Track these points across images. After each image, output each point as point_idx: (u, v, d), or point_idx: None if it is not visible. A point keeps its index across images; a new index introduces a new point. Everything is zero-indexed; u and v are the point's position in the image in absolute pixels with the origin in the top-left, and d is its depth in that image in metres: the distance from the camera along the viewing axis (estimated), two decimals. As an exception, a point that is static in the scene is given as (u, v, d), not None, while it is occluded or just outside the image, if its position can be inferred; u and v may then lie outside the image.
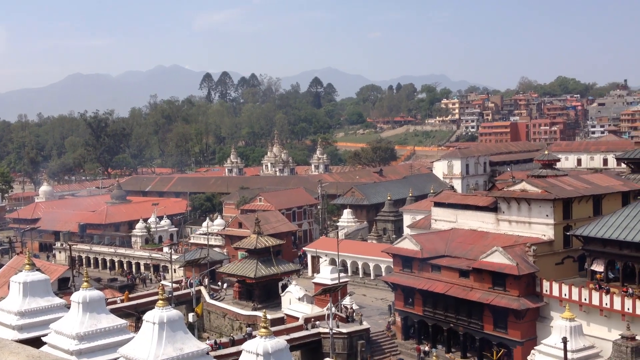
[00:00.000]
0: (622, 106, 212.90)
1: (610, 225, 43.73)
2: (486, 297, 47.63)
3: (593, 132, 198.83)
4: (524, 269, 46.11)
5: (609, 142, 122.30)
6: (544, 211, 49.95)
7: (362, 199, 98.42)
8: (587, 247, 45.36)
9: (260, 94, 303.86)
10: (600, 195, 51.76)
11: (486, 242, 51.34)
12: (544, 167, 62.75)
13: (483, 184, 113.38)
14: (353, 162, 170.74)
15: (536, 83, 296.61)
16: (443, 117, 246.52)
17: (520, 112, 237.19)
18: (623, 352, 37.59)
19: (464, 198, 61.22)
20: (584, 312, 43.57)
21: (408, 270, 54.48)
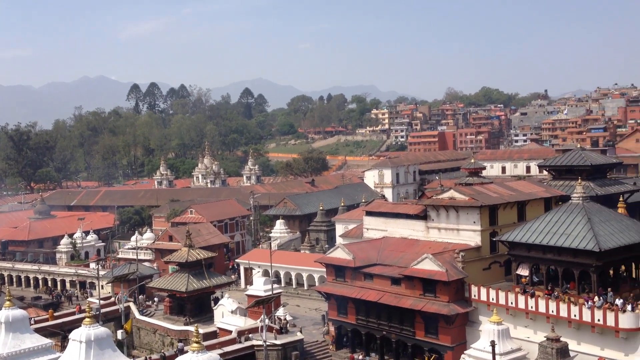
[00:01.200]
0: (543, 115, 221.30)
1: (534, 231, 45.22)
2: (417, 303, 48.35)
3: (516, 140, 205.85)
4: (453, 275, 47.09)
5: (531, 150, 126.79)
6: (472, 218, 51.22)
7: (294, 209, 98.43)
8: (513, 252, 46.75)
9: (190, 105, 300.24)
10: (524, 202, 53.51)
11: (417, 249, 52.17)
12: (471, 175, 64.46)
13: (413, 193, 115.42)
14: (285, 172, 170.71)
15: (462, 93, 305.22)
16: (373, 127, 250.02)
17: (448, 121, 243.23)
18: (548, 354, 38.84)
19: (394, 207, 62.09)
20: (511, 315, 44.82)
21: (341, 279, 54.74)
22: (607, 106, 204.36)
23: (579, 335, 41.10)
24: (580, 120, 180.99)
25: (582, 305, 40.68)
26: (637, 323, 38.28)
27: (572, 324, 41.17)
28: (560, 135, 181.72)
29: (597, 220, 43.36)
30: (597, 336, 40.19)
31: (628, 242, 42.39)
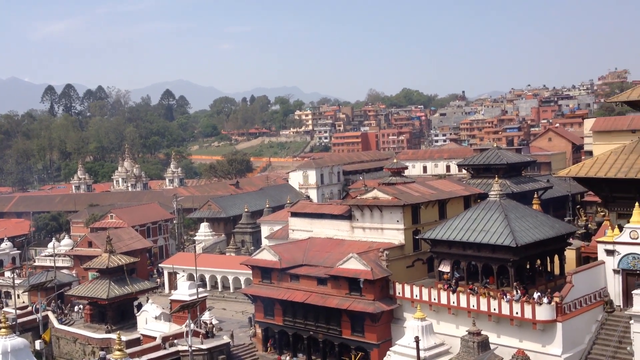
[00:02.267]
0: (461, 116, 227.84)
1: (455, 228, 46.45)
2: (343, 302, 48.78)
3: (436, 140, 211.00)
4: (378, 274, 47.78)
5: (450, 150, 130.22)
6: (395, 217, 52.14)
7: (219, 212, 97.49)
8: (435, 249, 47.87)
9: (109, 107, 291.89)
10: (445, 200, 54.93)
11: (342, 249, 52.64)
12: (394, 174, 65.59)
13: (337, 193, 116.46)
14: (209, 175, 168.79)
15: (383, 95, 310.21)
16: (297, 128, 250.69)
17: (370, 122, 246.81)
18: (470, 347, 40.00)
19: (319, 207, 62.44)
20: (434, 311, 45.87)
21: (267, 281, 54.58)
22: (521, 106, 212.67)
23: (498, 328, 42.49)
24: (496, 120, 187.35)
25: (501, 299, 42.09)
26: (553, 315, 39.93)
27: (492, 318, 42.51)
28: (477, 135, 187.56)
29: (513, 217, 44.96)
30: (516, 328, 41.67)
31: (542, 237, 44.18)
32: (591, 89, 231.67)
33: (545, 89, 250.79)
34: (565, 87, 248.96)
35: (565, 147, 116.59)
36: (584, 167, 50.51)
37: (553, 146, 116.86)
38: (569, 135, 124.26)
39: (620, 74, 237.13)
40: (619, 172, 47.16)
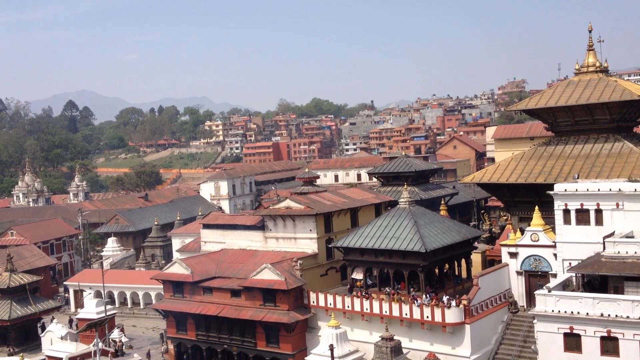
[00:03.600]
0: (371, 125, 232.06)
1: (366, 235, 47.15)
2: (258, 314, 48.43)
3: (347, 149, 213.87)
4: (292, 283, 47.76)
5: (361, 159, 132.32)
6: (308, 226, 52.36)
7: (127, 225, 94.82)
8: (348, 257, 48.38)
9: (8, 119, 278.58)
10: (357, 208, 55.71)
11: (255, 260, 52.30)
12: (306, 184, 65.90)
13: (250, 204, 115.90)
14: (116, 188, 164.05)
15: (294, 104, 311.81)
16: (207, 139, 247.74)
17: (281, 132, 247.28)
18: (384, 353, 40.59)
19: (232, 218, 61.84)
20: (348, 318, 46.31)
21: (179, 295, 53.44)
22: (427, 115, 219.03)
23: (410, 333, 43.37)
24: (404, 129, 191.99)
25: (411, 304, 43.02)
26: (461, 317, 41.18)
27: (404, 323, 43.36)
28: (386, 143, 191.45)
29: (422, 223, 46.14)
30: (427, 332, 42.67)
31: (450, 242, 45.56)
32: (492, 98, 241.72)
33: (450, 98, 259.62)
34: (468, 97, 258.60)
35: (469, 154, 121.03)
36: (486, 174, 52.57)
37: (458, 153, 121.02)
38: (473, 142, 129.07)
39: (518, 84, 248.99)
40: (519, 177, 49.38)
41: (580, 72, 52.33)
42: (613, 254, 35.45)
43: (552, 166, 48.73)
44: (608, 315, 32.77)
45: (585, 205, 40.04)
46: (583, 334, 33.53)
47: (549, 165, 48.94)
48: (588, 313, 33.32)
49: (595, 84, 49.87)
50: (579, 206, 40.32)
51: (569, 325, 33.85)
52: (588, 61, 52.35)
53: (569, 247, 40.61)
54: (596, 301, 33.32)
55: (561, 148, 50.36)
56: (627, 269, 34.17)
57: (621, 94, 47.48)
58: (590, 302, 33.43)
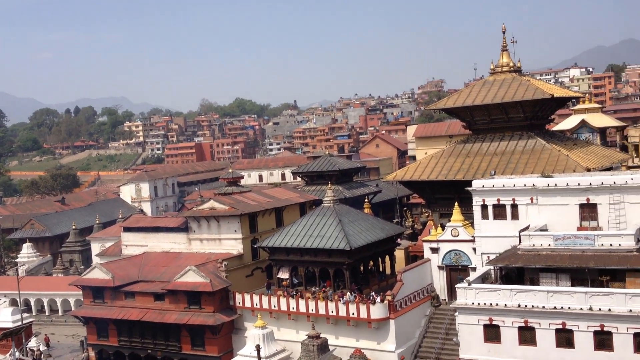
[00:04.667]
0: (294, 124, 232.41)
1: (292, 235, 47.21)
2: (182, 317, 47.66)
3: (271, 149, 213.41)
4: (217, 285, 47.25)
5: (285, 158, 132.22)
6: (232, 227, 51.93)
7: (43, 230, 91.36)
8: (273, 257, 48.31)
9: None
10: (281, 208, 55.69)
11: (179, 262, 51.46)
12: (230, 184, 65.22)
13: (173, 205, 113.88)
14: (31, 191, 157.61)
15: (217, 104, 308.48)
16: (127, 140, 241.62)
17: (204, 132, 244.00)
18: (310, 351, 40.77)
19: (154, 220, 60.62)
20: (275, 318, 46.23)
21: (100, 301, 51.93)
22: (349, 115, 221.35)
23: (337, 330, 43.72)
24: (327, 129, 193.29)
25: (337, 302, 43.39)
26: (386, 313, 41.85)
27: (330, 320, 43.67)
28: (310, 143, 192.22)
29: (347, 221, 46.62)
30: (353, 329, 43.13)
31: (374, 239, 46.23)
32: (412, 98, 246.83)
33: (372, 98, 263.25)
34: (389, 96, 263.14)
35: (392, 153, 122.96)
36: (408, 171, 53.62)
37: (380, 152, 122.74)
38: (394, 141, 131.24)
39: (437, 84, 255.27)
40: (439, 174, 50.62)
41: (495, 71, 54.16)
42: (528, 247, 36.87)
43: (470, 163, 50.20)
44: (525, 305, 34.03)
45: (502, 200, 41.48)
46: (502, 324, 34.70)
47: (467, 163, 50.40)
48: (506, 304, 34.50)
49: (509, 84, 51.73)
50: (496, 201, 41.72)
51: (489, 316, 34.96)
52: (502, 61, 54.26)
53: (487, 241, 41.98)
54: (513, 293, 34.55)
55: (478, 145, 51.96)
56: (542, 260, 35.61)
57: (534, 92, 49.45)
58: (507, 294, 34.64)
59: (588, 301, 32.50)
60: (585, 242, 35.49)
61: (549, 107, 52.78)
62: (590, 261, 34.36)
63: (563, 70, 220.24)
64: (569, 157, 46.78)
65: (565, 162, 46.24)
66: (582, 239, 35.76)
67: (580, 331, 32.72)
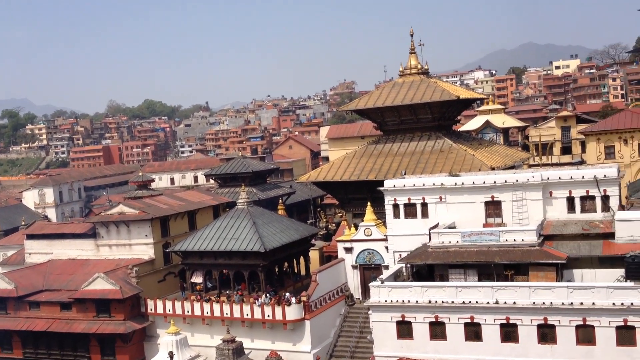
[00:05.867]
0: (206, 126, 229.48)
1: (205, 238, 46.56)
2: (91, 326, 46.10)
3: (182, 151, 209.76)
4: (127, 292, 45.96)
5: (197, 161, 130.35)
6: (143, 231, 50.64)
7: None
8: (186, 261, 47.48)
9: None
10: (194, 211, 54.82)
11: (87, 269, 49.79)
12: (140, 188, 63.63)
13: (80, 211, 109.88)
14: None
15: (125, 106, 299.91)
16: (29, 143, 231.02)
17: (112, 135, 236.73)
18: (225, 355, 40.29)
19: (59, 227, 58.31)
20: (188, 323, 45.44)
21: (2, 312, 49.46)
22: (262, 116, 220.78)
23: (252, 333, 43.46)
24: (240, 130, 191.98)
25: (252, 304, 43.13)
26: (301, 314, 41.97)
27: (246, 323, 43.38)
28: (223, 144, 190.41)
29: (261, 223, 46.44)
30: (268, 331, 43.01)
31: (288, 240, 46.28)
32: (324, 99, 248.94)
33: (284, 99, 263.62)
34: (301, 98, 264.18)
35: (305, 154, 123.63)
36: (321, 172, 54.02)
37: (294, 153, 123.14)
38: (308, 142, 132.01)
39: (349, 85, 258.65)
40: (352, 175, 51.29)
41: (404, 73, 55.45)
42: (438, 244, 37.92)
43: (381, 163, 51.14)
44: (435, 301, 34.96)
45: (413, 199, 42.48)
46: (414, 320, 35.51)
47: (378, 163, 51.31)
48: (417, 301, 35.33)
49: (417, 85, 53.08)
50: (406, 200, 42.67)
51: (401, 313, 35.70)
52: (411, 64, 55.63)
53: (399, 239, 42.85)
54: (424, 289, 35.42)
55: (389, 146, 53.00)
56: (451, 257, 36.72)
57: (441, 94, 50.97)
58: (419, 291, 35.48)
59: (494, 295, 33.76)
60: (491, 238, 36.84)
61: (456, 108, 54.53)
62: (495, 256, 35.71)
63: (468, 73, 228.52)
64: (474, 157, 48.47)
65: (472, 161, 47.89)
66: (488, 235, 37.09)
67: (488, 324, 33.93)
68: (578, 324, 32.22)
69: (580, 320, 32.12)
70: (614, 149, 65.72)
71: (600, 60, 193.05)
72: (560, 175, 39.27)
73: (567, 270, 35.13)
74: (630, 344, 31.35)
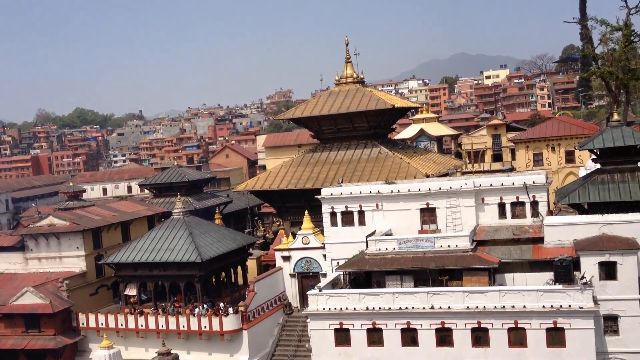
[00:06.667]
0: (140, 135, 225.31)
1: (139, 249, 45.59)
2: (20, 342, 44.42)
3: (115, 161, 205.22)
4: (57, 306, 44.50)
5: (131, 170, 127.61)
6: (74, 243, 49.21)
7: None
8: (120, 273, 46.36)
9: None
10: (128, 222, 53.63)
11: (15, 284, 47.98)
12: (70, 199, 61.89)
13: (7, 223, 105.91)
14: None
15: (54, 115, 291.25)
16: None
17: (41, 144, 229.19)
18: (161, 368, 39.42)
19: (-15, 240, 55.88)
20: (122, 337, 44.35)
21: None
22: (198, 125, 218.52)
23: (188, 345, 42.76)
24: (176, 139, 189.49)
25: (189, 316, 42.45)
26: (239, 324, 41.57)
27: (182, 335, 42.65)
28: (158, 154, 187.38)
29: (197, 233, 45.82)
30: (205, 342, 42.39)
31: (225, 250, 45.83)
32: (261, 108, 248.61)
33: (220, 108, 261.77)
34: (238, 106, 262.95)
35: (242, 163, 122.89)
36: (259, 181, 53.82)
37: (230, 162, 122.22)
38: (244, 151, 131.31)
39: (285, 94, 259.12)
40: (289, 184, 51.31)
41: (340, 82, 55.93)
42: (375, 251, 38.27)
43: (319, 172, 51.35)
44: (372, 308, 35.25)
45: (350, 207, 42.79)
46: (351, 327, 35.68)
47: (316, 171, 51.50)
48: (355, 308, 35.54)
49: (353, 94, 53.63)
50: (344, 208, 42.94)
51: (339, 321, 35.83)
52: (347, 73, 56.18)
53: (337, 247, 43.05)
54: (362, 296, 35.67)
55: (326, 154, 53.29)
56: (387, 264, 37.12)
57: (376, 103, 51.65)
58: (356, 298, 35.70)
59: (430, 300, 34.31)
60: (426, 244, 37.45)
61: (391, 117, 55.35)
62: (431, 262, 36.32)
63: (402, 82, 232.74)
64: (410, 165, 49.27)
65: (407, 169, 48.66)
66: (423, 241, 37.69)
67: (424, 329, 34.43)
68: (510, 327, 33.07)
69: (512, 323, 33.00)
70: (542, 156, 68.05)
71: (528, 70, 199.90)
72: (491, 182, 40.33)
73: (499, 274, 36.03)
74: (560, 345, 32.38)
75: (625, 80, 59.14)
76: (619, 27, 59.36)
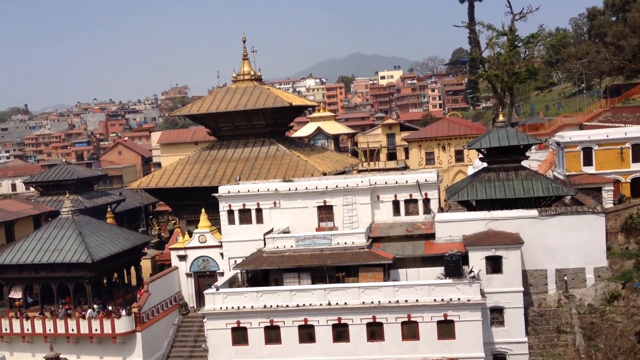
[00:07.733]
0: (25, 131, 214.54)
1: (25, 250, 43.36)
2: None
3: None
4: None
5: (15, 167, 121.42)
6: (-48, 245, 46.07)
7: None
8: (3, 275, 43.93)
9: None
10: (12, 221, 51.02)
11: None
12: (-53, 197, 58.02)
13: None
14: None
15: None
16: None
17: None
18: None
19: None
20: (7, 342, 42.11)
21: None
22: (89, 120, 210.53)
23: (79, 349, 41.09)
24: (64, 135, 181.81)
25: (78, 319, 40.80)
26: (132, 326, 40.36)
27: (71, 339, 40.91)
28: (45, 150, 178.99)
29: (87, 233, 44.11)
30: (97, 346, 40.87)
31: (118, 250, 44.38)
32: (156, 104, 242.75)
33: (112, 103, 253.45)
34: (131, 102, 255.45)
35: (136, 160, 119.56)
36: (153, 179, 52.53)
37: (123, 159, 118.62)
38: (138, 148, 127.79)
39: (181, 90, 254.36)
40: (185, 181, 50.42)
41: (237, 79, 55.55)
42: (273, 249, 38.32)
43: (216, 169, 50.76)
44: (270, 306, 35.28)
45: (247, 205, 42.60)
46: (249, 326, 35.55)
47: (213, 169, 50.88)
48: (253, 306, 35.44)
49: (251, 92, 53.41)
50: (241, 206, 42.70)
51: (236, 320, 35.58)
52: (244, 70, 55.88)
53: (234, 245, 42.74)
54: (259, 294, 35.62)
55: (224, 152, 52.77)
56: (285, 261, 37.26)
57: (274, 101, 51.69)
58: (254, 296, 35.60)
59: (327, 297, 34.75)
60: (323, 241, 37.90)
61: (288, 115, 55.58)
62: (328, 259, 36.79)
63: (300, 80, 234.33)
64: (307, 162, 49.68)
65: (304, 167, 49.03)
66: (320, 239, 38.12)
67: (321, 326, 34.84)
68: (403, 321, 34.08)
69: (406, 317, 34.02)
70: (433, 155, 70.62)
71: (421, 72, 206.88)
72: (386, 180, 41.37)
73: (393, 270, 37.05)
74: (450, 337, 33.71)
75: (510, 82, 62.40)
76: (504, 32, 62.50)
